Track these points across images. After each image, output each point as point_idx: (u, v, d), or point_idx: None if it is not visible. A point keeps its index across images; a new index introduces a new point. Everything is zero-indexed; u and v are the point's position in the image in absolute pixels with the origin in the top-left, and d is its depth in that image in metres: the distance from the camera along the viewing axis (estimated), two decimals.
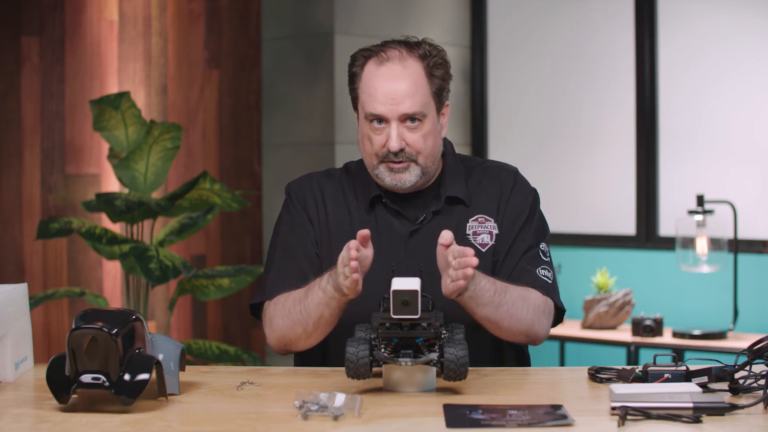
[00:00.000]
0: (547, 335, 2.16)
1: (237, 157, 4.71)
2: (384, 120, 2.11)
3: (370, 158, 2.15)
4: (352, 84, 2.20)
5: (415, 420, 1.63)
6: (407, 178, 2.13)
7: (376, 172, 2.15)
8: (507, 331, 2.05)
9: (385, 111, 2.10)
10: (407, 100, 2.10)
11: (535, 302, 2.10)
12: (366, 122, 2.14)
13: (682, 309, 4.50)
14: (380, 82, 2.12)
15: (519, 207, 2.21)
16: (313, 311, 2.01)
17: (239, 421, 1.63)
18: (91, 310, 1.76)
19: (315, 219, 2.20)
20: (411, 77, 2.11)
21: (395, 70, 2.12)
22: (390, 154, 2.11)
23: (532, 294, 2.10)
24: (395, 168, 2.12)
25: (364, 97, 2.14)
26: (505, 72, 5.12)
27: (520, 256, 2.16)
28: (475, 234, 2.16)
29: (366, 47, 2.19)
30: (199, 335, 4.54)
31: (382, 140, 2.11)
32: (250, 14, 4.76)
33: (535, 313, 2.09)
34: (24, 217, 4.02)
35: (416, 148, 2.12)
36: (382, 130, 2.12)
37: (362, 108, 2.15)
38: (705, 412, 1.62)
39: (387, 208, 2.18)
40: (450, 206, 2.18)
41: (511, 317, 2.03)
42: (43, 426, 1.62)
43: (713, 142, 4.54)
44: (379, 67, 2.13)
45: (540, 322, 2.10)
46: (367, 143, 2.14)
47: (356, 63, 2.19)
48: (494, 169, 2.27)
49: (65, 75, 4.13)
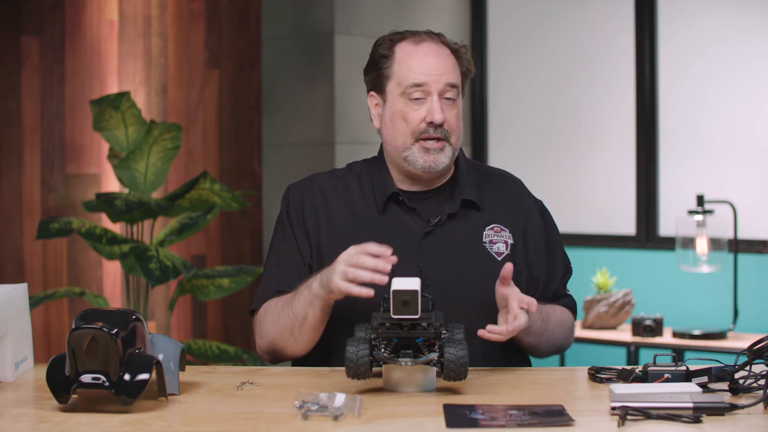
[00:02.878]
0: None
1: (237, 157, 4.71)
2: (424, 93, 2.11)
3: (403, 138, 2.13)
4: (379, 66, 2.16)
5: (415, 420, 1.63)
6: (441, 160, 2.12)
7: (406, 154, 2.13)
8: (543, 353, 2.18)
9: (429, 80, 2.10)
10: (449, 72, 2.12)
11: (569, 324, 2.23)
12: (402, 99, 2.12)
13: (682, 309, 4.50)
14: (421, 57, 2.12)
15: (537, 224, 2.24)
16: (299, 312, 2.02)
17: (239, 421, 1.63)
18: (91, 310, 1.76)
19: (313, 225, 2.18)
20: (448, 55, 2.15)
21: (433, 48, 2.14)
22: (429, 129, 2.10)
23: (566, 317, 2.22)
24: (431, 148, 2.11)
25: (403, 71, 2.12)
26: (505, 72, 5.12)
27: (560, 280, 2.24)
28: (491, 243, 2.17)
29: (394, 32, 2.19)
30: (199, 335, 4.54)
31: (421, 114, 2.11)
32: (250, 14, 4.76)
33: (568, 335, 2.23)
34: (24, 217, 4.03)
35: (452, 126, 2.12)
36: (421, 105, 2.11)
37: (398, 84, 2.13)
38: (705, 412, 1.62)
39: (401, 207, 2.17)
40: (464, 210, 2.18)
41: (551, 343, 2.17)
42: (43, 426, 1.62)
43: (713, 142, 4.54)
44: (417, 46, 2.14)
45: (569, 339, 2.24)
46: (401, 122, 2.12)
47: (383, 46, 2.17)
48: (504, 179, 2.29)
49: (65, 75, 4.13)
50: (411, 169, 2.14)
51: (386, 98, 2.16)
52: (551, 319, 2.13)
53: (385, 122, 2.17)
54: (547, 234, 2.24)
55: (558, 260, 2.25)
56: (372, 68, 2.18)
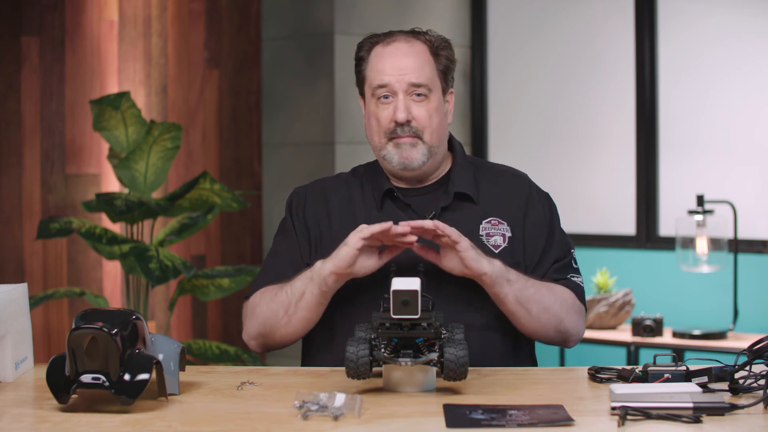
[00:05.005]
0: (580, 336, 2.18)
1: (237, 157, 4.71)
2: (391, 94, 2.13)
3: (378, 138, 2.16)
4: (359, 68, 2.21)
5: (415, 420, 1.63)
6: (415, 156, 2.14)
7: (383, 153, 2.16)
8: (537, 321, 2.08)
9: (392, 81, 2.12)
10: (414, 72, 2.13)
11: (563, 296, 2.14)
12: (373, 100, 2.16)
13: (682, 309, 4.50)
14: (387, 58, 2.15)
15: (539, 216, 2.22)
16: (298, 289, 2.05)
17: (239, 421, 1.63)
18: (91, 310, 1.76)
19: (314, 225, 2.20)
20: (417, 54, 2.16)
21: (402, 48, 2.16)
22: (396, 128, 2.13)
23: (558, 288, 2.15)
24: (402, 143, 2.13)
25: (372, 74, 2.16)
26: (505, 72, 5.12)
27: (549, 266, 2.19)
28: (488, 235, 2.17)
29: (372, 34, 2.22)
30: (199, 335, 4.54)
31: (389, 114, 2.13)
32: (250, 14, 4.76)
33: (563, 307, 2.12)
34: (24, 217, 4.03)
35: (422, 123, 2.13)
36: (389, 104, 2.13)
37: (369, 86, 2.17)
38: (705, 412, 1.62)
39: (397, 203, 2.18)
40: (459, 203, 2.18)
41: (539, 304, 2.07)
42: (43, 426, 1.62)
43: (713, 142, 4.54)
44: (386, 47, 2.17)
45: (569, 317, 2.13)
46: (374, 122, 2.16)
47: (363, 48, 2.21)
48: (506, 173, 2.29)
49: (65, 75, 4.13)
50: (391, 168, 2.17)
51: (365, 102, 2.21)
52: (534, 280, 2.09)
53: (365, 123, 2.22)
54: (550, 228, 2.23)
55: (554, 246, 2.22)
56: (355, 70, 2.23)
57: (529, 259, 2.18)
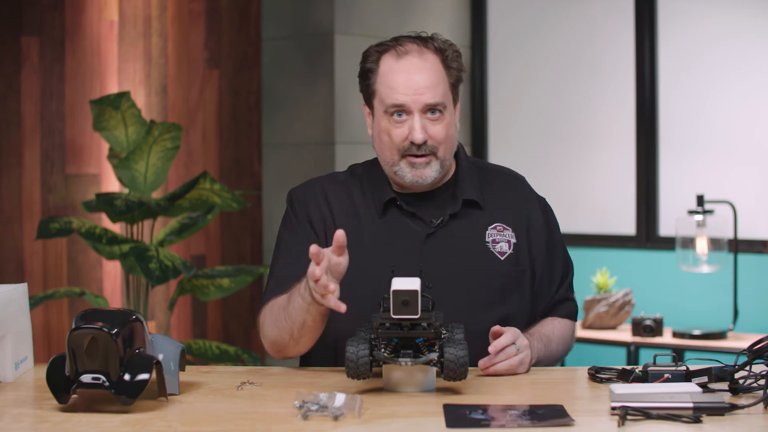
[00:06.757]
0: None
1: (237, 157, 4.71)
2: (405, 112, 2.09)
3: (390, 154, 2.12)
4: (366, 80, 2.15)
5: (415, 420, 1.63)
6: (429, 174, 2.11)
7: (395, 169, 2.12)
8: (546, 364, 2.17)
9: (408, 101, 2.08)
10: (429, 91, 2.08)
11: (569, 335, 2.25)
12: (385, 116, 2.11)
13: (682, 309, 4.50)
14: (401, 74, 2.09)
15: (539, 222, 2.24)
16: (297, 318, 1.99)
17: (239, 421, 1.63)
18: (91, 310, 1.76)
19: (319, 224, 2.18)
20: (431, 69, 2.11)
21: (415, 63, 2.10)
22: (413, 147, 2.09)
23: (566, 329, 2.23)
24: (417, 163, 2.10)
25: (384, 90, 2.10)
26: (505, 72, 5.12)
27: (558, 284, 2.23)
28: (494, 242, 2.16)
29: (378, 43, 2.16)
30: (199, 335, 4.54)
31: (404, 133, 2.09)
32: (250, 14, 4.76)
33: (569, 344, 2.25)
34: (24, 217, 4.03)
35: (438, 140, 2.10)
36: (403, 123, 2.09)
37: (381, 102, 2.12)
38: (705, 412, 1.62)
39: (401, 211, 2.16)
40: (466, 209, 2.17)
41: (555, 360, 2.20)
42: (43, 426, 1.62)
43: (713, 142, 4.54)
44: (399, 61, 2.11)
45: (570, 347, 2.27)
46: (386, 138, 2.11)
47: (370, 59, 2.15)
48: (506, 176, 2.29)
49: (65, 75, 4.13)
50: (401, 182, 2.15)
51: (374, 113, 2.17)
52: (552, 341, 2.15)
53: (374, 136, 2.17)
54: (548, 233, 2.24)
55: (558, 261, 2.25)
56: (361, 80, 2.18)
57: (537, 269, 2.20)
